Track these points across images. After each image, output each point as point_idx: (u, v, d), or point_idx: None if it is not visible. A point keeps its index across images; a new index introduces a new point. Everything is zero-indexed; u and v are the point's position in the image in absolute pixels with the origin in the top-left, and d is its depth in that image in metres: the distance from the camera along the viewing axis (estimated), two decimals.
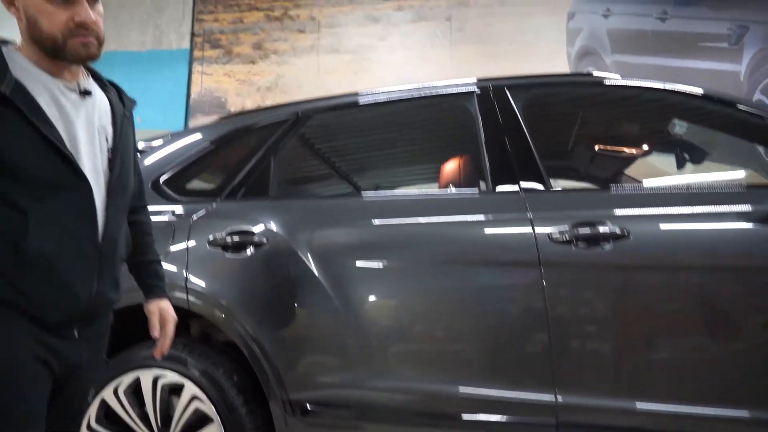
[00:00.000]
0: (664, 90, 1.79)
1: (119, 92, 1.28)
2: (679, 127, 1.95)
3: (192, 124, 4.51)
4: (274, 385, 1.66)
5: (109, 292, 1.15)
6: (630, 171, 2.49)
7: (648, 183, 2.15)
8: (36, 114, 1.05)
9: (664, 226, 1.54)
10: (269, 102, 4.52)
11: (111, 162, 1.17)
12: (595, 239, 1.52)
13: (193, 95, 4.56)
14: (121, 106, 1.25)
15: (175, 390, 1.73)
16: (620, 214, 1.56)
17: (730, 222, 1.52)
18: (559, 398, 1.49)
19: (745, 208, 1.52)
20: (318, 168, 2.39)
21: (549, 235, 1.56)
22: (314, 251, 1.70)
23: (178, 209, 1.91)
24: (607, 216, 1.56)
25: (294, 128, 2.04)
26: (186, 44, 4.64)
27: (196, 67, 4.60)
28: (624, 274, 1.51)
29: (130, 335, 1.77)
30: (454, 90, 1.95)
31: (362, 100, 2.03)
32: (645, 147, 2.26)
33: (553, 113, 2.04)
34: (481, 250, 1.60)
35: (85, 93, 1.15)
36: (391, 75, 4.46)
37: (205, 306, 1.75)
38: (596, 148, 2.23)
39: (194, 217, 1.86)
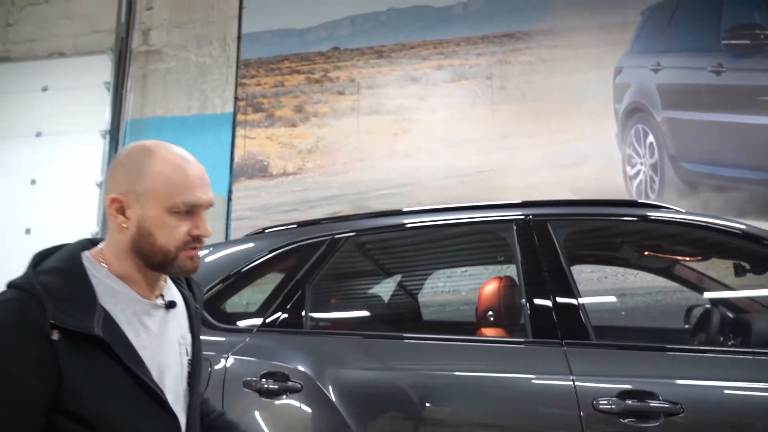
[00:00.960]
0: (708, 227, 1.68)
1: (188, 282, 1.19)
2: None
3: (236, 188, 4.60)
4: None
5: None
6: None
7: (706, 345, 2.02)
8: (127, 353, 0.95)
9: (722, 400, 1.42)
10: (310, 165, 4.56)
11: (191, 376, 1.08)
12: (646, 415, 1.42)
13: (236, 159, 4.65)
14: (192, 298, 1.16)
15: None
16: (673, 383, 1.46)
17: None
18: None
19: None
20: (354, 293, 2.37)
21: (593, 404, 1.47)
22: (350, 401, 1.67)
23: (215, 341, 1.92)
24: (658, 384, 1.46)
25: (328, 253, 2.02)
26: (229, 108, 4.74)
27: (240, 131, 4.69)
28: None
29: None
30: (494, 217, 1.89)
31: (395, 222, 1.99)
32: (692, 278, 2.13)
33: (595, 248, 1.94)
34: (518, 415, 1.53)
35: (170, 306, 1.06)
36: (431, 135, 4.42)
37: None
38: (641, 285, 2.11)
39: (228, 355, 1.86)
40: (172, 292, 1.10)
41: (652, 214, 1.77)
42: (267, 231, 2.30)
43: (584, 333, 1.61)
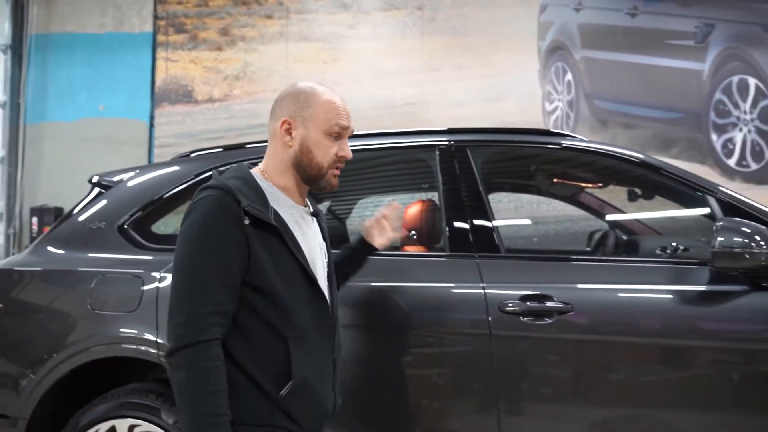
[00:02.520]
0: (612, 155, 1.89)
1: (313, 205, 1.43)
2: None
3: (158, 113, 4.42)
4: None
5: (338, 397, 1.30)
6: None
7: (598, 254, 2.27)
8: (291, 240, 1.20)
9: (608, 300, 1.66)
10: (237, 91, 4.44)
11: (329, 276, 1.32)
12: (542, 313, 1.64)
13: (158, 83, 4.44)
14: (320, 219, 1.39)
15: None
16: (567, 287, 1.68)
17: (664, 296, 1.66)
18: None
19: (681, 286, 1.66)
20: None
21: (500, 307, 1.67)
22: None
23: (146, 259, 1.95)
24: (555, 288, 1.67)
25: None
26: (149, 27, 4.47)
27: (161, 53, 4.46)
28: (567, 347, 1.64)
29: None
30: (419, 143, 2.00)
31: None
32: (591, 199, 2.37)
33: (510, 172, 2.11)
34: (435, 319, 1.70)
35: (314, 215, 1.32)
36: (361, 65, 4.41)
37: None
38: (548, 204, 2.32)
39: (162, 272, 1.90)
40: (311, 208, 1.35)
41: (565, 142, 1.94)
42: (193, 155, 2.29)
43: (495, 248, 1.79)
